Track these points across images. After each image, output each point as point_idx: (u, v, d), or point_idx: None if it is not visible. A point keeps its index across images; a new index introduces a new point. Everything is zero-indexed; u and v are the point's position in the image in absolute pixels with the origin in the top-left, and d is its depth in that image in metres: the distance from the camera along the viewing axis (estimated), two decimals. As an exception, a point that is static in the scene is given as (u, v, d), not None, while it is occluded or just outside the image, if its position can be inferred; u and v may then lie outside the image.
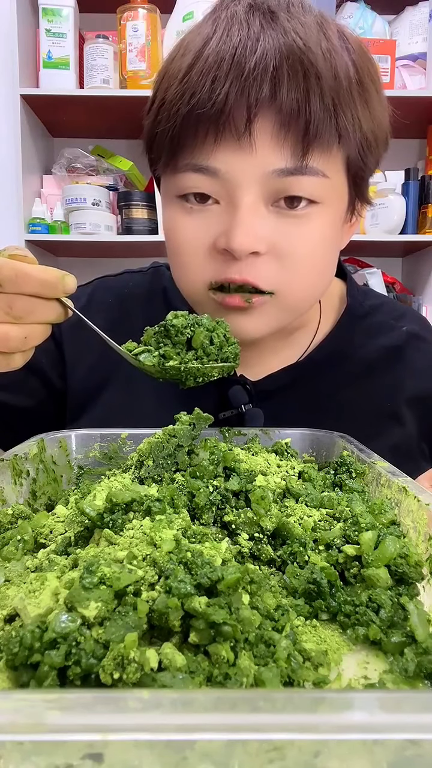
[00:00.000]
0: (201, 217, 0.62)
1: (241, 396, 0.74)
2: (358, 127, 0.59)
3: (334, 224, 0.64)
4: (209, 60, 0.56)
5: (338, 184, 0.62)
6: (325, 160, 0.59)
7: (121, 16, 2.11)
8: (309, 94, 0.55)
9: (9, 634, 0.31)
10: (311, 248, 0.62)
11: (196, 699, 0.22)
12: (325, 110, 0.56)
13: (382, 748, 0.21)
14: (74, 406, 0.80)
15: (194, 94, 0.56)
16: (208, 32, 0.58)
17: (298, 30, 0.56)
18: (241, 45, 0.55)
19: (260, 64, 0.55)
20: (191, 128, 0.58)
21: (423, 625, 0.36)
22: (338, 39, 0.60)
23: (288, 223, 0.61)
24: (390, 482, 0.50)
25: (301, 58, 0.55)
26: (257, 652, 0.33)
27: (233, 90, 0.55)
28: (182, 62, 0.59)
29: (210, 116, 0.56)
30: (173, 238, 0.65)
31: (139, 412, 0.71)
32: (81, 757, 0.21)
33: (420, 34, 2.21)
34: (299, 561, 0.42)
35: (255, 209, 0.60)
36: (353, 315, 0.80)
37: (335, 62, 0.57)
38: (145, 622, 0.32)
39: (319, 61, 0.56)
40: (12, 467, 0.56)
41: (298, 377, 0.76)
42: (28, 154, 2.17)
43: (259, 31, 0.56)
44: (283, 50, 0.55)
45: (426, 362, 0.80)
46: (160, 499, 0.43)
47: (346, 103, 0.58)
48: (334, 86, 0.56)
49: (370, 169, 0.65)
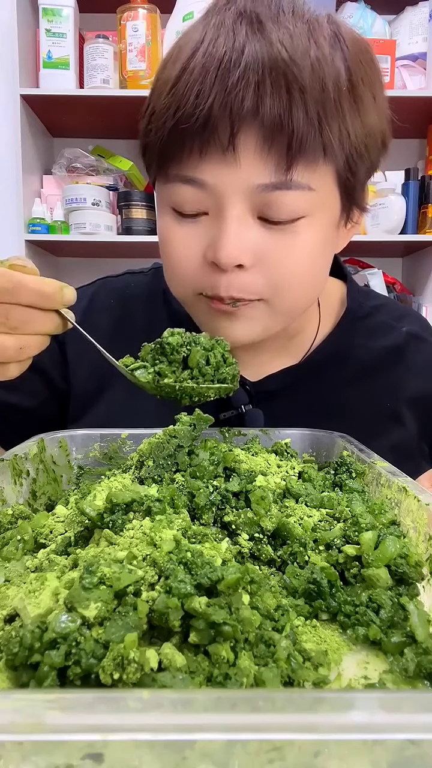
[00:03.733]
0: (192, 227, 0.62)
1: (241, 397, 0.74)
2: (346, 138, 0.58)
3: (324, 234, 0.63)
4: (195, 72, 0.56)
5: (326, 195, 0.61)
6: (311, 173, 0.58)
7: (121, 16, 2.11)
8: (292, 108, 0.54)
9: (9, 634, 0.31)
10: (298, 260, 0.62)
11: (196, 699, 0.22)
12: (309, 124, 0.55)
13: (382, 748, 0.21)
14: (77, 405, 0.80)
15: (179, 107, 0.56)
16: (197, 40, 0.57)
17: (284, 40, 0.55)
18: (226, 57, 0.55)
19: (243, 78, 0.54)
20: (178, 141, 0.58)
21: (423, 625, 0.36)
22: (331, 44, 0.58)
23: (275, 235, 0.60)
24: (390, 482, 0.50)
25: (285, 71, 0.54)
26: (257, 652, 0.33)
27: (217, 103, 0.55)
28: (172, 71, 0.58)
29: (195, 130, 0.56)
30: (166, 247, 0.66)
31: (139, 412, 0.71)
32: (81, 757, 0.21)
33: (420, 34, 2.21)
34: (299, 561, 0.42)
35: (241, 221, 0.59)
36: (353, 316, 0.80)
37: (323, 72, 0.56)
38: (145, 622, 0.32)
39: (305, 72, 0.55)
40: (12, 467, 0.56)
41: (298, 378, 0.77)
42: (28, 154, 2.17)
43: (244, 42, 0.55)
44: (266, 62, 0.54)
45: (426, 362, 0.80)
46: (160, 500, 0.43)
47: (332, 116, 0.56)
48: (320, 98, 0.55)
49: (361, 179, 0.64)
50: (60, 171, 2.30)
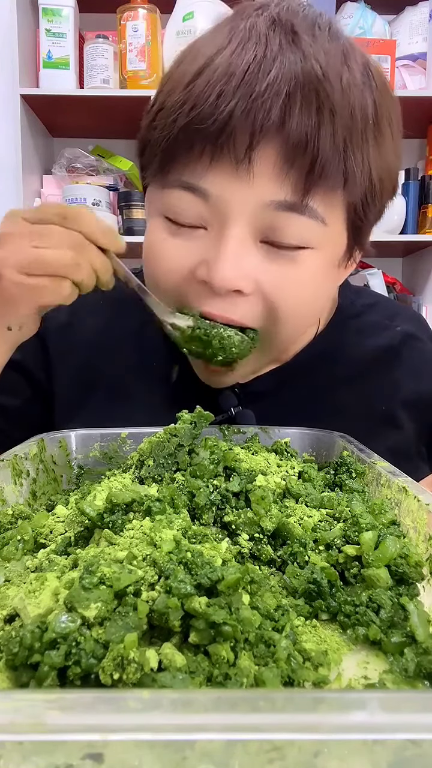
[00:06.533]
0: (185, 240, 0.58)
1: (230, 400, 0.72)
2: (366, 172, 0.55)
3: (326, 269, 0.61)
4: (219, 71, 0.52)
5: (336, 232, 0.58)
6: (327, 204, 0.55)
7: (121, 16, 2.11)
8: (320, 129, 0.51)
9: (9, 634, 0.31)
10: (300, 293, 0.59)
11: (196, 699, 0.22)
12: (335, 149, 0.52)
13: (382, 748, 0.21)
14: (62, 408, 0.78)
15: (195, 106, 0.52)
16: (222, 42, 0.54)
17: (320, 57, 0.52)
18: (255, 62, 0.51)
19: (272, 87, 0.50)
20: (186, 142, 0.54)
21: (423, 625, 0.36)
22: (362, 73, 0.55)
23: (277, 263, 0.57)
24: (390, 482, 0.50)
25: (317, 87, 0.51)
26: (257, 652, 0.33)
27: (239, 109, 0.50)
28: (190, 68, 0.54)
29: (209, 134, 0.52)
30: (151, 256, 0.62)
31: (122, 418, 0.69)
32: (81, 757, 0.21)
33: (420, 34, 2.21)
34: (299, 561, 0.42)
35: (243, 243, 0.56)
36: (344, 314, 0.78)
37: (354, 98, 0.53)
38: (145, 622, 0.32)
39: (336, 94, 0.51)
40: (12, 467, 0.56)
41: (286, 378, 0.75)
42: (28, 154, 2.17)
43: (277, 51, 0.51)
44: (300, 76, 0.51)
45: (422, 363, 0.78)
46: (161, 499, 0.43)
47: (357, 145, 0.53)
48: (349, 124, 0.52)
49: (370, 222, 0.62)
50: (60, 171, 2.30)
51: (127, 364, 0.77)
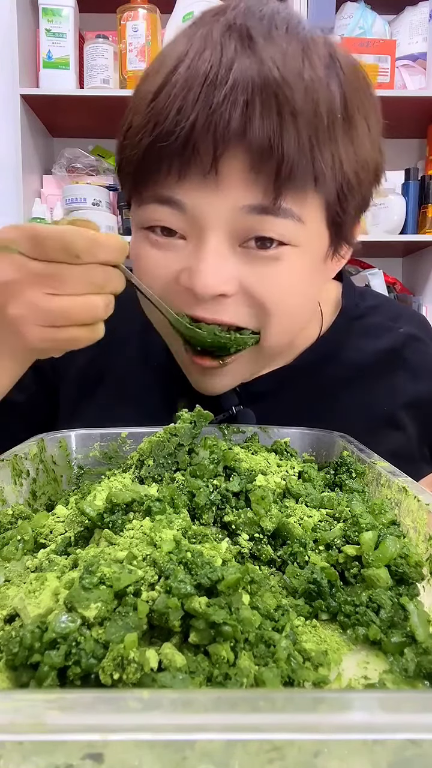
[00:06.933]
0: (166, 250, 0.59)
1: (231, 399, 0.72)
2: (338, 168, 0.55)
3: (311, 266, 0.60)
4: (177, 86, 0.52)
5: (315, 229, 0.58)
6: (300, 203, 0.55)
7: (121, 16, 2.11)
8: (282, 132, 0.51)
9: (9, 634, 0.31)
10: (284, 291, 0.58)
11: (196, 699, 0.22)
12: (300, 150, 0.51)
13: (382, 748, 0.21)
14: (66, 407, 0.78)
15: (158, 124, 0.52)
16: (181, 51, 0.53)
17: (277, 59, 0.51)
18: (212, 72, 0.50)
19: (230, 97, 0.50)
20: (154, 160, 0.54)
21: (423, 625, 0.36)
22: (326, 66, 0.54)
23: (259, 264, 0.57)
24: (390, 482, 0.50)
25: (276, 91, 0.50)
26: (257, 652, 0.33)
27: (199, 122, 0.50)
28: (152, 84, 0.54)
29: (174, 150, 0.52)
30: (137, 267, 0.62)
31: (127, 418, 0.69)
32: (81, 757, 0.21)
33: (420, 34, 2.21)
34: (299, 561, 0.42)
35: (221, 250, 0.56)
36: (348, 317, 0.78)
37: (317, 95, 0.52)
38: (145, 622, 0.32)
39: (297, 95, 0.51)
40: (12, 467, 0.56)
41: (288, 379, 0.75)
42: (28, 154, 2.17)
43: (233, 58, 0.51)
44: (257, 82, 0.50)
45: (425, 364, 0.78)
46: (161, 499, 0.43)
47: (325, 143, 0.53)
48: (313, 123, 0.52)
49: (351, 216, 0.61)
50: (60, 171, 2.30)
51: (129, 363, 0.78)
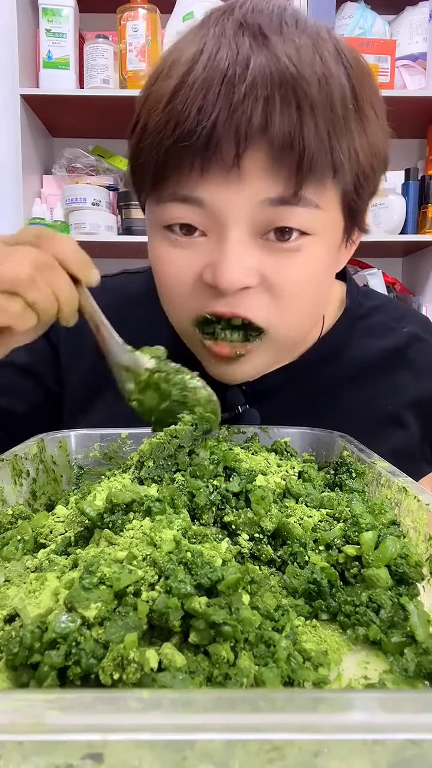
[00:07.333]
0: (187, 249, 0.59)
1: (237, 398, 0.73)
2: (354, 158, 0.56)
3: (328, 255, 0.61)
4: (195, 86, 0.52)
5: (332, 216, 0.59)
6: (320, 193, 0.56)
7: (121, 16, 2.11)
8: (303, 126, 0.52)
9: (9, 634, 0.31)
10: (304, 281, 0.60)
11: (196, 699, 0.22)
12: (320, 142, 0.53)
13: (382, 748, 0.21)
14: (71, 410, 0.79)
15: (179, 124, 0.53)
16: (195, 51, 0.54)
17: (291, 55, 0.52)
18: (230, 70, 0.51)
19: (250, 93, 0.51)
20: (176, 159, 0.55)
21: (423, 625, 0.36)
22: (334, 59, 0.55)
23: (279, 256, 0.58)
24: (390, 482, 0.50)
25: (294, 86, 0.51)
26: (257, 652, 0.33)
27: (221, 120, 0.51)
28: (166, 85, 0.55)
29: (196, 148, 0.53)
30: (158, 269, 0.63)
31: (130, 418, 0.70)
32: (81, 757, 0.21)
33: (420, 34, 2.21)
34: (299, 561, 0.42)
35: (243, 243, 0.57)
36: (352, 316, 0.79)
37: (331, 88, 0.53)
38: (145, 622, 0.32)
39: (314, 89, 0.52)
40: (12, 467, 0.56)
41: (292, 377, 0.75)
42: (28, 154, 2.17)
43: (249, 56, 0.52)
44: (275, 77, 0.51)
45: (428, 364, 0.79)
46: (160, 500, 0.43)
47: (342, 134, 0.54)
48: (330, 115, 0.53)
49: (364, 201, 0.62)
50: (60, 171, 2.30)
51: None
